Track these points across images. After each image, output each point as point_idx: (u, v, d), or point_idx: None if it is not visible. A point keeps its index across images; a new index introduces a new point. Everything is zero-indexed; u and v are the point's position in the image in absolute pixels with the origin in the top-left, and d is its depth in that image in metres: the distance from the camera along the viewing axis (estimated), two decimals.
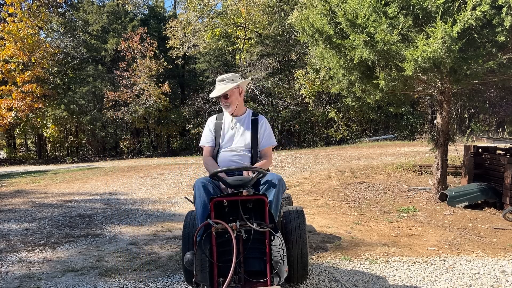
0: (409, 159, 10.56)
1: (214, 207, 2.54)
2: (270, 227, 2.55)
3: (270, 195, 2.81)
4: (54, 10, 24.71)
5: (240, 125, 3.26)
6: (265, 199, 2.55)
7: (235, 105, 3.24)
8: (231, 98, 3.21)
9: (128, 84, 22.74)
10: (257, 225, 2.52)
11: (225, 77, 3.23)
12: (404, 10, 4.93)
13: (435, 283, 3.43)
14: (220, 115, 3.39)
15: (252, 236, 2.55)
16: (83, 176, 10.91)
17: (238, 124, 3.27)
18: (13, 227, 5.49)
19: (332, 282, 3.45)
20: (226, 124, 3.31)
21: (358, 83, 6.19)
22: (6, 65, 20.50)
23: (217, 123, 3.34)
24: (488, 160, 6.69)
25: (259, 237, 2.59)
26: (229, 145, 3.22)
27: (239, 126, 3.26)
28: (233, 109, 3.24)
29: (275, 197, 2.81)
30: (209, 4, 22.88)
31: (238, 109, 3.28)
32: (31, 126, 24.26)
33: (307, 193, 7.28)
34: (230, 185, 2.70)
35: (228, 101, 3.22)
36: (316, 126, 26.45)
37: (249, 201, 2.61)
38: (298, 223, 3.09)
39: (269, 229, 2.54)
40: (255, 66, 23.22)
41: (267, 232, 2.56)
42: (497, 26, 4.56)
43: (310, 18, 5.97)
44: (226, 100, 3.21)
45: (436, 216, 5.64)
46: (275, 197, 2.81)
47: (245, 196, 2.52)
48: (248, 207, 2.61)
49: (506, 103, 8.83)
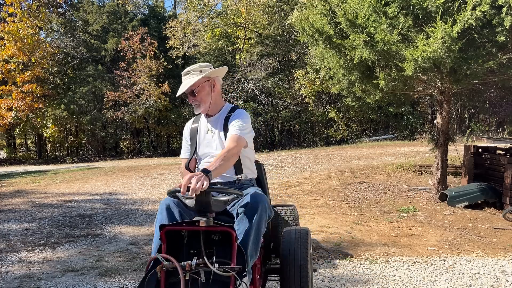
0: (409, 159, 10.56)
1: (168, 237, 2.00)
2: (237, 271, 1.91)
3: (243, 225, 2.15)
4: (54, 10, 24.70)
5: (215, 128, 2.56)
6: (232, 232, 1.94)
7: (206, 103, 2.51)
8: (200, 94, 2.49)
9: (128, 84, 22.74)
10: (219, 266, 1.91)
11: (190, 69, 2.52)
12: (404, 10, 4.93)
13: (435, 283, 3.43)
14: (198, 118, 2.70)
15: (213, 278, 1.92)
16: (83, 176, 10.91)
17: (215, 126, 2.56)
18: (13, 227, 5.49)
19: (332, 282, 3.45)
20: (202, 128, 2.62)
21: (358, 83, 6.19)
22: (6, 65, 20.49)
23: (193, 129, 2.67)
24: (488, 160, 6.69)
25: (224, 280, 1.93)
26: (207, 155, 2.56)
27: (216, 128, 2.55)
28: (205, 108, 2.52)
29: (252, 229, 2.13)
30: (209, 4, 22.88)
31: (212, 107, 2.55)
32: (31, 126, 24.25)
33: (307, 193, 7.28)
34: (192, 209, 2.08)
35: (196, 98, 2.49)
36: (316, 126, 26.43)
37: (215, 232, 2.00)
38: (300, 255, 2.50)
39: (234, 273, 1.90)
40: (255, 66, 23.21)
41: (231, 277, 1.91)
42: (497, 26, 4.56)
43: (310, 18, 5.97)
44: (194, 98, 2.49)
45: (436, 216, 5.64)
46: (252, 228, 2.13)
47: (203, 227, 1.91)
48: (214, 240, 2.02)
49: (506, 103, 8.83)
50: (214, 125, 2.56)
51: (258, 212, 2.17)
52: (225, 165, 2.20)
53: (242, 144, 2.39)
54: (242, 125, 2.45)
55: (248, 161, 2.59)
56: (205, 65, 2.55)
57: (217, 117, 2.56)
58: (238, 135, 2.38)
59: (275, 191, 7.55)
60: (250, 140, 2.51)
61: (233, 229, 1.96)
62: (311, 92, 21.55)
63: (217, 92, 2.57)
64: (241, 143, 2.37)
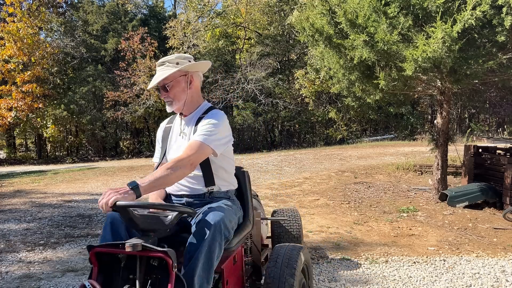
0: (409, 159, 10.56)
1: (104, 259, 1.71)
2: None
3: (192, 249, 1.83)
4: (54, 10, 24.70)
5: (187, 130, 2.21)
6: (167, 259, 1.60)
7: (180, 101, 2.16)
8: (173, 90, 2.14)
9: (128, 84, 22.74)
10: None
11: (166, 59, 2.21)
12: (404, 10, 4.93)
13: (435, 283, 3.43)
14: (174, 117, 2.38)
15: None
16: (83, 176, 10.90)
17: (187, 127, 2.22)
18: (13, 227, 5.49)
19: (332, 282, 3.45)
20: (175, 129, 2.30)
21: (358, 83, 6.19)
22: (6, 65, 20.49)
23: (166, 129, 2.35)
24: (488, 160, 6.69)
25: None
26: None
27: (188, 130, 2.21)
28: (178, 107, 2.18)
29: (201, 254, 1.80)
30: (209, 4, 22.89)
31: (188, 106, 2.20)
32: (31, 126, 24.24)
33: (307, 193, 7.28)
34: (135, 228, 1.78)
35: (169, 95, 2.15)
36: (316, 126, 26.43)
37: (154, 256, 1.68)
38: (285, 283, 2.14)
39: None
40: (255, 66, 23.21)
41: None
42: (497, 26, 4.56)
43: (310, 18, 5.97)
44: (166, 93, 2.16)
45: (436, 216, 5.64)
46: (201, 253, 1.80)
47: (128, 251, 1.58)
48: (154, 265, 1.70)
49: (506, 103, 8.83)
50: (187, 126, 2.22)
51: (209, 234, 1.82)
52: (167, 179, 1.82)
53: (205, 153, 2.01)
54: (210, 129, 2.04)
55: (223, 171, 2.20)
56: (184, 57, 2.20)
57: (190, 118, 2.22)
58: (200, 142, 1.99)
59: (275, 191, 7.55)
60: (220, 148, 2.07)
61: (169, 256, 1.59)
62: (311, 92, 21.55)
63: (194, 90, 2.23)
64: (202, 152, 1.98)
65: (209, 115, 2.14)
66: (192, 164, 1.94)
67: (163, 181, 1.82)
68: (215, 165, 2.15)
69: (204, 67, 2.32)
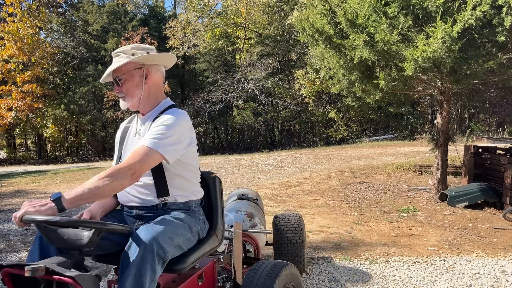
0: (409, 159, 10.56)
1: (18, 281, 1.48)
2: None
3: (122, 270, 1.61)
4: (54, 10, 24.70)
5: (143, 130, 1.97)
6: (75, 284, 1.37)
7: (134, 97, 1.90)
8: (126, 84, 1.89)
9: None
10: None
11: (121, 50, 1.92)
12: (404, 10, 4.93)
13: (435, 283, 3.43)
14: (134, 116, 2.12)
15: None
16: (83, 176, 10.90)
17: (143, 127, 1.98)
18: (13, 227, 5.49)
19: (332, 282, 3.45)
20: (132, 129, 2.05)
21: (358, 83, 6.19)
22: (6, 65, 20.49)
23: (125, 129, 2.09)
24: (488, 160, 6.69)
25: None
26: None
27: (143, 130, 1.96)
28: (132, 104, 1.92)
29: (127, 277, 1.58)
30: (209, 4, 22.89)
31: (144, 104, 1.95)
32: (31, 126, 24.25)
33: (307, 193, 7.28)
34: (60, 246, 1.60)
35: (122, 89, 1.90)
36: (316, 126, 26.45)
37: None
38: None
39: None
40: (255, 66, 23.22)
41: None
42: (497, 26, 4.56)
43: (310, 18, 5.97)
44: (119, 88, 1.91)
45: (436, 216, 5.64)
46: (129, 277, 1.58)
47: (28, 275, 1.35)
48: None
49: (506, 103, 8.83)
50: (143, 126, 1.97)
51: (138, 254, 1.59)
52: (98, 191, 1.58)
53: (152, 161, 1.73)
54: (161, 132, 1.77)
55: (181, 180, 1.92)
56: (143, 48, 1.92)
57: (147, 117, 1.97)
58: (146, 148, 1.72)
59: (275, 191, 7.55)
60: (172, 154, 1.79)
61: (77, 281, 1.36)
62: (311, 92, 21.56)
63: (152, 85, 1.95)
64: (148, 159, 1.71)
65: (164, 115, 1.86)
66: (134, 174, 1.67)
67: (94, 193, 1.58)
68: (170, 173, 1.88)
69: (166, 61, 2.03)
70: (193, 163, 1.99)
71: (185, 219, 1.89)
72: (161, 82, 2.04)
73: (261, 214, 3.46)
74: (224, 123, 26.54)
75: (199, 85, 27.56)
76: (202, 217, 2.05)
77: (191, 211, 1.98)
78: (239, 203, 3.45)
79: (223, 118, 25.69)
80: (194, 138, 1.97)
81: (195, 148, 2.01)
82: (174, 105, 2.00)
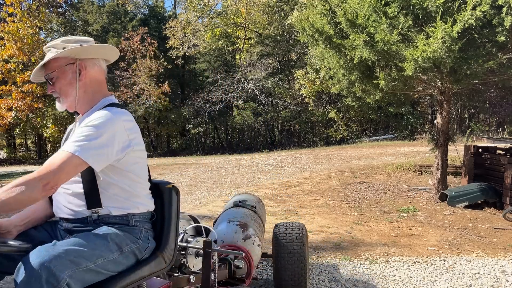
0: (409, 159, 10.57)
1: None
2: None
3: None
4: (54, 10, 24.71)
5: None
6: None
7: (69, 96, 1.67)
8: (58, 83, 1.67)
9: (128, 84, 22.76)
10: None
11: (52, 44, 1.67)
12: (404, 10, 4.93)
13: (435, 283, 3.43)
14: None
15: None
16: None
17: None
18: None
19: (332, 282, 3.45)
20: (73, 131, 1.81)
21: (358, 83, 6.20)
22: (6, 65, 20.49)
23: (68, 132, 1.86)
24: (488, 160, 6.69)
25: None
26: None
27: None
28: (69, 104, 1.69)
29: None
30: (209, 4, 22.90)
31: (81, 103, 1.70)
32: (31, 126, 24.25)
33: (307, 193, 7.28)
34: None
35: (55, 88, 1.68)
36: (316, 126, 26.46)
37: None
38: None
39: None
40: (255, 66, 23.23)
41: None
42: (497, 26, 4.57)
43: (310, 18, 5.97)
44: (52, 87, 1.69)
45: (436, 216, 5.64)
46: None
47: None
48: None
49: (506, 103, 8.83)
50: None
51: (21, 283, 1.38)
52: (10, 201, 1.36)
53: (72, 169, 1.49)
54: (86, 134, 1.52)
55: (118, 190, 1.65)
56: (75, 40, 1.68)
57: (83, 118, 1.70)
58: (67, 153, 1.48)
59: (275, 191, 7.55)
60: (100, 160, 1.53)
61: None
62: (311, 92, 21.56)
63: (89, 82, 1.70)
64: (67, 167, 1.46)
65: (93, 114, 1.60)
66: (46, 185, 1.42)
67: (7, 204, 1.35)
68: (103, 182, 1.62)
69: (103, 53, 1.77)
70: (135, 171, 1.69)
71: (113, 236, 1.58)
72: (101, 77, 1.76)
73: (258, 223, 3.08)
74: (224, 123, 26.55)
75: (199, 85, 27.58)
76: (146, 234, 1.73)
77: (130, 226, 1.68)
78: (234, 211, 3.11)
79: (223, 118, 25.70)
80: (137, 141, 1.66)
81: (141, 154, 1.70)
82: (114, 104, 1.72)
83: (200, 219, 6.11)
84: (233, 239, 2.72)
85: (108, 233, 1.58)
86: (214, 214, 5.73)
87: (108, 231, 1.60)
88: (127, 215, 1.68)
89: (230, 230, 2.80)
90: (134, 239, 1.67)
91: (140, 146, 1.69)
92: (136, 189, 1.71)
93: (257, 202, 3.48)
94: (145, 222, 1.75)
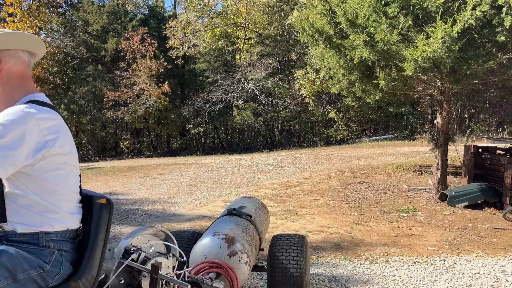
0: (409, 159, 10.57)
1: None
2: None
3: None
4: (54, 10, 24.71)
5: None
6: None
7: None
8: None
9: (128, 84, 22.76)
10: None
11: None
12: (404, 10, 4.93)
13: (435, 283, 3.43)
14: None
15: None
16: (83, 176, 10.87)
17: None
18: None
19: (332, 282, 3.45)
20: None
21: (358, 83, 6.20)
22: None
23: None
24: (488, 160, 6.69)
25: None
26: None
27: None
28: None
29: None
30: (209, 4, 22.90)
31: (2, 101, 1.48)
32: None
33: (307, 193, 7.28)
34: None
35: None
36: (316, 126, 26.45)
37: None
38: None
39: None
40: (255, 66, 23.22)
41: None
42: (497, 26, 4.57)
43: (310, 18, 5.98)
44: None
45: (436, 216, 5.64)
46: None
47: None
48: None
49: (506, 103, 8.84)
50: None
51: None
52: None
53: None
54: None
55: (28, 202, 1.39)
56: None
57: None
58: None
59: (275, 191, 7.55)
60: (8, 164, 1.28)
61: None
62: (311, 92, 21.56)
63: (6, 76, 1.48)
64: None
65: (4, 111, 1.36)
66: None
67: None
68: (10, 192, 1.37)
69: (22, 43, 1.52)
70: (54, 180, 1.41)
71: (4, 260, 1.29)
72: (23, 71, 1.53)
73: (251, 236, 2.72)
74: (224, 123, 26.54)
75: (199, 85, 27.57)
76: (59, 257, 1.44)
77: (39, 247, 1.40)
78: (225, 221, 2.79)
79: (223, 118, 25.69)
80: (59, 143, 1.40)
81: (64, 158, 1.44)
82: (36, 101, 1.46)
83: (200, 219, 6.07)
84: (217, 255, 2.43)
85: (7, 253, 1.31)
86: (214, 214, 5.74)
87: (10, 251, 1.33)
88: (37, 233, 1.40)
89: (214, 244, 2.49)
90: (40, 263, 1.39)
91: (64, 149, 1.42)
92: (54, 202, 1.42)
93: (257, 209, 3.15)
94: (62, 242, 1.46)
